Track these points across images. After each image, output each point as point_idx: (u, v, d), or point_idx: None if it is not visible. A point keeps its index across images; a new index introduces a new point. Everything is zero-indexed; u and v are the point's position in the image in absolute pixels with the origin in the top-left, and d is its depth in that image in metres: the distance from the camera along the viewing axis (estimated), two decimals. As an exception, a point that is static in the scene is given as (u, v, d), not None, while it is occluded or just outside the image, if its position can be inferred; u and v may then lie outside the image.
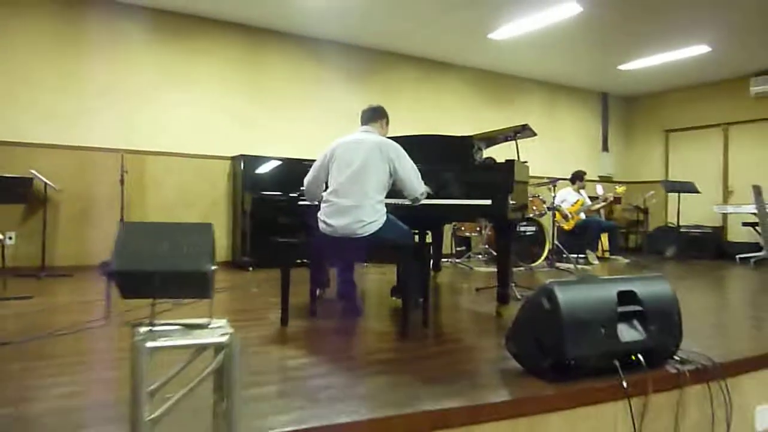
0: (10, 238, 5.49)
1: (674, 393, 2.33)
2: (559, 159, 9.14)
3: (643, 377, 2.21)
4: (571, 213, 7.60)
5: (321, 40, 7.17)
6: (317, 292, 3.91)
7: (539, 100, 9.22)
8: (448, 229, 7.49)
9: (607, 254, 8.07)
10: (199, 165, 6.43)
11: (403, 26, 6.79)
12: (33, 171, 5.20)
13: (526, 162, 4.49)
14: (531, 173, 7.20)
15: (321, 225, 3.32)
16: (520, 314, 2.41)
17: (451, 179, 3.58)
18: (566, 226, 7.60)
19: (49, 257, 5.50)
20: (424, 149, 3.82)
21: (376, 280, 5.53)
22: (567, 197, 7.76)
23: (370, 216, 3.18)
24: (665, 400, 2.31)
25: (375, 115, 3.54)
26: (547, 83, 9.26)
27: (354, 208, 3.19)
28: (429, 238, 5.23)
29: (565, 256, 7.07)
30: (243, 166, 6.28)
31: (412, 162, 3.33)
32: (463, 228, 7.23)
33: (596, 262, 7.44)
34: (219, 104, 6.58)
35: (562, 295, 2.21)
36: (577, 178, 7.82)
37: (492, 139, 4.15)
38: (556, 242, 7.19)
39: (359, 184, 3.22)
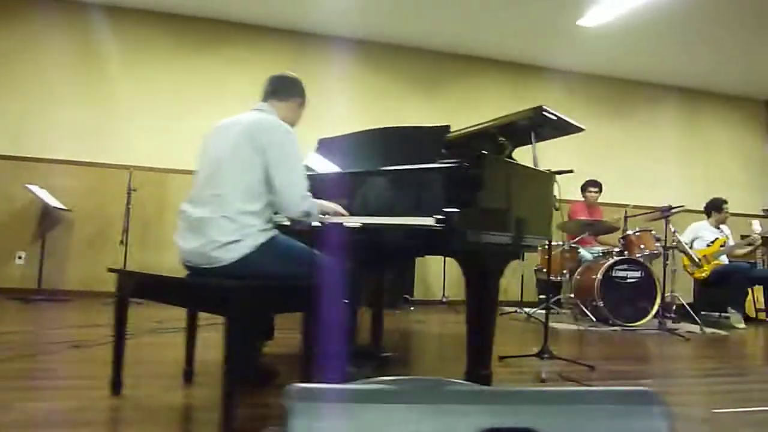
0: (20, 257, 5.22)
1: None
2: (705, 187, 6.97)
3: None
4: (705, 256, 5.57)
5: (379, 43, 6.18)
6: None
7: (672, 110, 7.19)
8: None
9: (763, 315, 5.82)
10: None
11: (470, 22, 5.55)
12: (29, 186, 4.87)
13: (568, 171, 3.03)
14: (664, 202, 5.33)
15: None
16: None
17: (387, 188, 2.30)
18: (697, 274, 5.58)
19: (54, 280, 5.11)
20: (370, 150, 2.62)
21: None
22: (701, 233, 5.74)
23: (228, 233, 2.02)
24: None
25: (281, 89, 2.36)
26: (681, 88, 7.19)
27: (206, 222, 2.07)
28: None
29: (702, 314, 5.04)
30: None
31: (299, 160, 2.13)
32: (545, 269, 5.59)
33: (742, 325, 5.29)
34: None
35: (304, 427, 0.88)
36: (714, 208, 5.75)
37: (487, 134, 2.72)
38: (675, 294, 5.24)
39: (214, 185, 2.10)
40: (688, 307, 5.12)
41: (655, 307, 4.90)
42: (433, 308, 5.78)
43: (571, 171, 3.05)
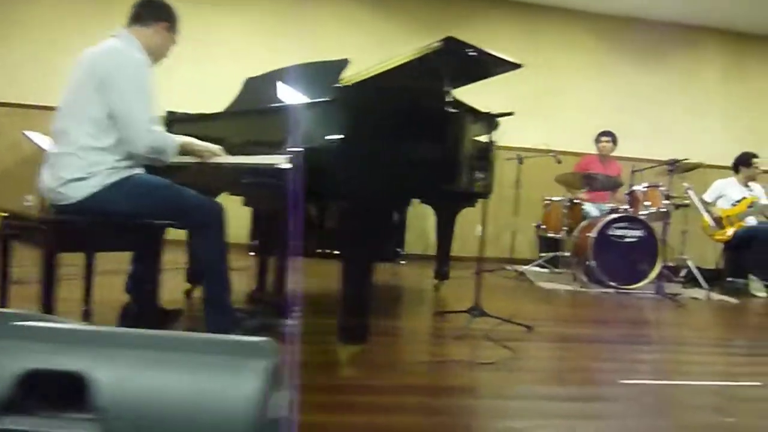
0: (28, 201, 5.47)
1: None
2: (751, 140, 6.22)
3: None
4: (728, 216, 5.05)
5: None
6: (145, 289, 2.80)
7: (714, 55, 6.44)
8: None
9: (792, 283, 5.26)
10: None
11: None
12: (26, 133, 5.03)
13: (508, 114, 2.77)
14: (704, 158, 4.81)
15: None
16: None
17: (261, 127, 2.16)
18: (718, 236, 5.07)
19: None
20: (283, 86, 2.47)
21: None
22: (727, 191, 5.18)
23: (73, 170, 1.96)
24: None
25: (143, 13, 2.20)
26: (724, 30, 6.39)
27: (55, 158, 2.02)
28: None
29: (727, 281, 4.62)
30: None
31: (143, 91, 2.01)
32: (545, 225, 5.25)
33: (762, 293, 4.81)
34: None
35: None
36: (742, 163, 5.17)
37: (399, 72, 2.46)
38: (684, 257, 4.81)
39: (62, 120, 2.04)
40: (696, 271, 4.68)
41: (656, 270, 4.51)
42: (429, 262, 5.59)
43: (511, 113, 2.76)
